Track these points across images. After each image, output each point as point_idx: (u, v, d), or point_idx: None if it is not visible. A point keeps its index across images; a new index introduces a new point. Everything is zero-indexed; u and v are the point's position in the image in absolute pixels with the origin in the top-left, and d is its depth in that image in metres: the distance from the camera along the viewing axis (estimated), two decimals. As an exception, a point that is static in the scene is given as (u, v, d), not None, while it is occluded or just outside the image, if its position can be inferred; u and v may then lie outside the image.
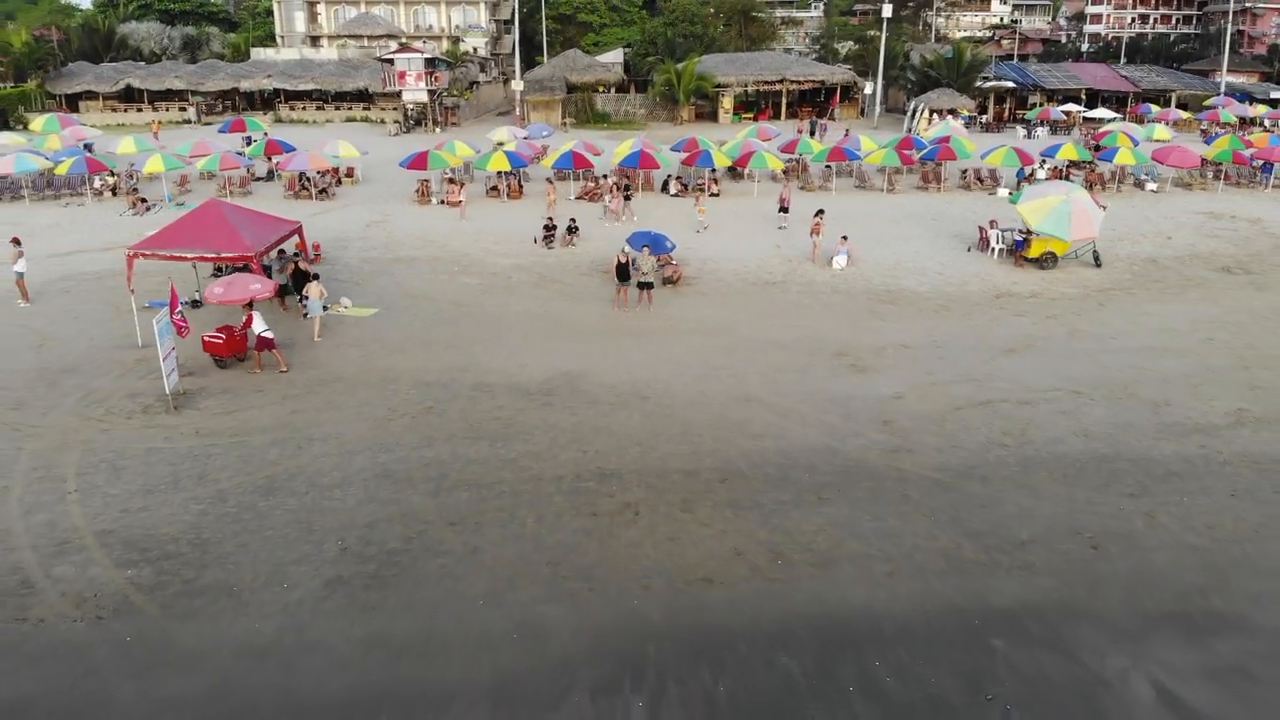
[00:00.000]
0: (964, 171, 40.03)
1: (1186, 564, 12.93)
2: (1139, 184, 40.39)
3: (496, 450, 15.96)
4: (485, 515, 13.87)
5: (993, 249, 28.19)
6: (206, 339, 19.70)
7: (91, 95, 72.39)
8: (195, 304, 23.21)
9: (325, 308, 21.84)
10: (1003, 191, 37.61)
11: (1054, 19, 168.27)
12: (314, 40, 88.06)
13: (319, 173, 36.85)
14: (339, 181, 39.24)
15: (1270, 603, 12.17)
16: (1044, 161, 39.05)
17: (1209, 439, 16.67)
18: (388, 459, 15.58)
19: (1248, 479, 15.28)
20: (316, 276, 22.49)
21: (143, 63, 79.46)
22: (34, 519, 14.01)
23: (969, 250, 29.09)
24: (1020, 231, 27.44)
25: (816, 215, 28.05)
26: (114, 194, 37.76)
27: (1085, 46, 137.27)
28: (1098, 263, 27.59)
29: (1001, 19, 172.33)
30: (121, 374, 19.52)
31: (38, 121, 48.57)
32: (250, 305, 19.69)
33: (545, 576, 12.38)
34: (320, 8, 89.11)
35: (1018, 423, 17.02)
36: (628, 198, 34.09)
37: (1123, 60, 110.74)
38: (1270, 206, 37.68)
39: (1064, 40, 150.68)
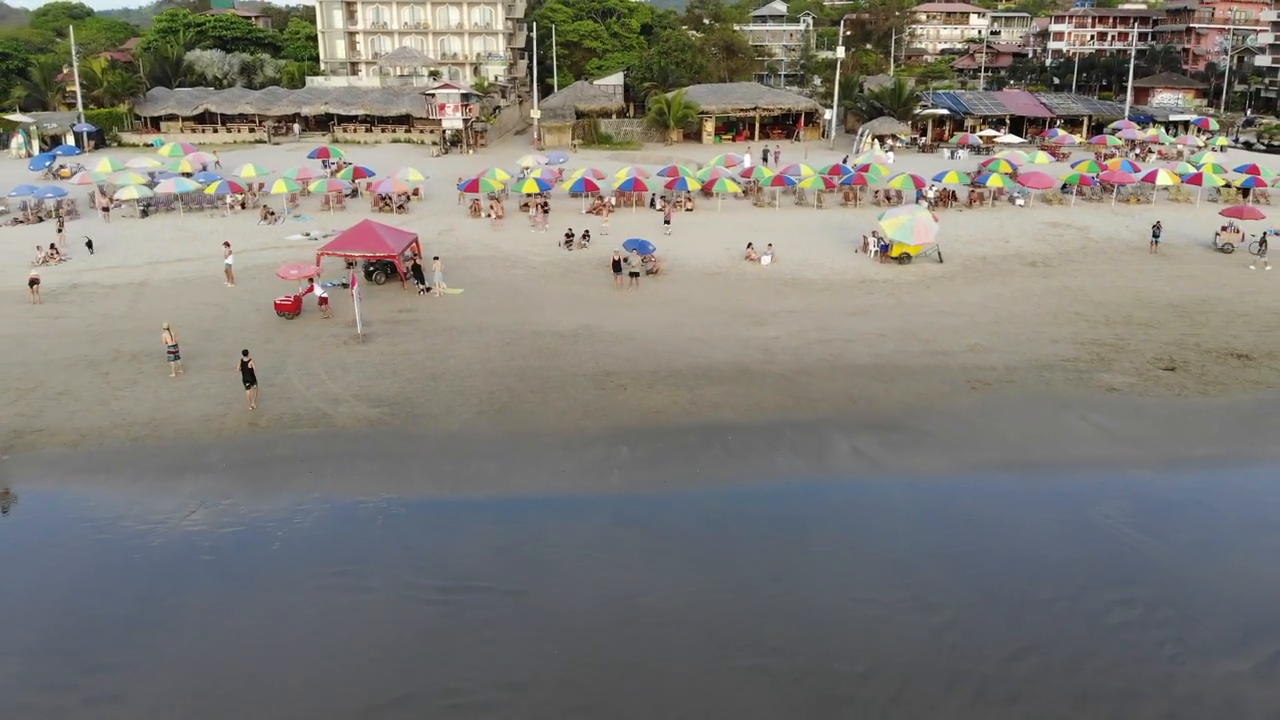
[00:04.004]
0: (876, 192, 53.33)
1: (896, 409, 26.16)
2: (1012, 200, 53.62)
3: (549, 362, 29.22)
4: (548, 389, 27.17)
5: (870, 251, 41.44)
6: (278, 303, 32.84)
7: (172, 117, 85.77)
8: (344, 285, 36.52)
9: (443, 280, 35.38)
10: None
11: (1027, 33, 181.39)
12: (353, 66, 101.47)
13: (398, 193, 50.14)
14: (408, 199, 52.46)
15: (930, 424, 25.26)
16: (933, 185, 52.23)
17: (946, 357, 29.91)
18: (492, 365, 28.87)
19: (954, 374, 28.52)
20: (436, 258, 36.00)
21: (210, 87, 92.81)
22: (312, 390, 27.26)
23: (855, 252, 42.38)
24: (881, 238, 40.67)
25: (748, 246, 41.09)
26: (243, 208, 51.00)
27: (1049, 61, 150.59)
28: (940, 260, 40.82)
29: (980, 32, 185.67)
30: (320, 323, 32.80)
31: (166, 148, 61.95)
32: (311, 279, 33.07)
33: (580, 410, 25.72)
34: (359, 38, 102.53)
35: (839, 350, 30.32)
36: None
37: (1077, 74, 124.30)
38: (1105, 218, 50.73)
39: (1030, 55, 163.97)
